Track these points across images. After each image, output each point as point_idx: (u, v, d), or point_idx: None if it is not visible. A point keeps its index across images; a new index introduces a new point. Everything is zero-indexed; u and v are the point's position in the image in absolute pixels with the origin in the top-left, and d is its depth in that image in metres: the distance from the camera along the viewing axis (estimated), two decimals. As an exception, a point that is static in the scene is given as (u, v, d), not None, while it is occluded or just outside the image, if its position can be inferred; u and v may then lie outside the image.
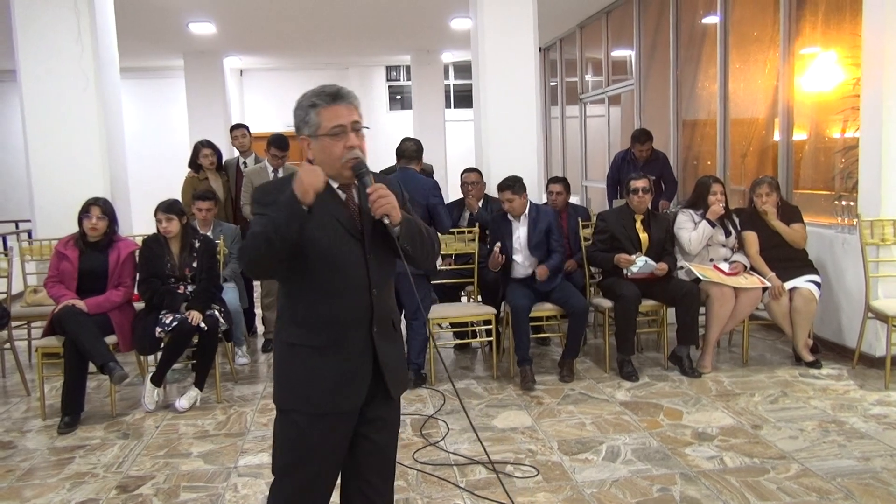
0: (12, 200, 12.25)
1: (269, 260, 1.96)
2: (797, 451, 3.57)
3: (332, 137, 1.98)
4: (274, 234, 1.90)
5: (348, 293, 2.03)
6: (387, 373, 2.09)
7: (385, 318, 2.11)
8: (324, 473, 2.10)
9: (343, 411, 2.06)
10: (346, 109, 2.00)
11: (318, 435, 2.05)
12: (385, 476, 2.21)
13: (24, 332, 5.68)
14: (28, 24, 5.69)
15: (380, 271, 2.08)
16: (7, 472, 3.65)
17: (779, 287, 4.84)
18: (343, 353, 2.04)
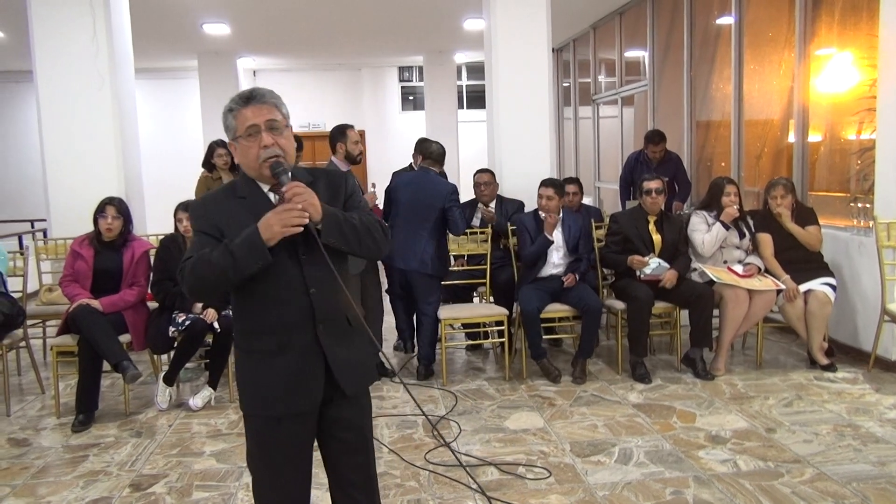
0: (28, 200, 12.35)
1: (216, 289, 2.05)
2: (812, 455, 3.54)
3: (248, 139, 2.02)
4: (232, 271, 1.95)
5: (287, 296, 2.03)
6: (337, 371, 2.07)
7: (333, 317, 2.08)
8: (287, 475, 2.13)
9: (297, 413, 2.08)
10: (259, 110, 2.03)
11: (276, 438, 2.10)
12: (363, 472, 2.21)
13: (39, 331, 5.71)
14: (44, 24, 5.74)
15: (317, 271, 2.03)
16: (22, 469, 3.68)
17: (793, 289, 4.80)
18: (290, 356, 2.05)
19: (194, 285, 2.01)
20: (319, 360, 2.06)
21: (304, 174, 2.13)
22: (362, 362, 2.20)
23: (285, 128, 2.06)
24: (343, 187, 2.17)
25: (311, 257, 2.02)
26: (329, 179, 2.18)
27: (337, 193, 2.15)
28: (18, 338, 4.71)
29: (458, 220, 4.99)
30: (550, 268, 5.04)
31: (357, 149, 4.90)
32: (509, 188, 5.91)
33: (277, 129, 2.03)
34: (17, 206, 12.53)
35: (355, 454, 2.18)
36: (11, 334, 4.56)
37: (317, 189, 2.04)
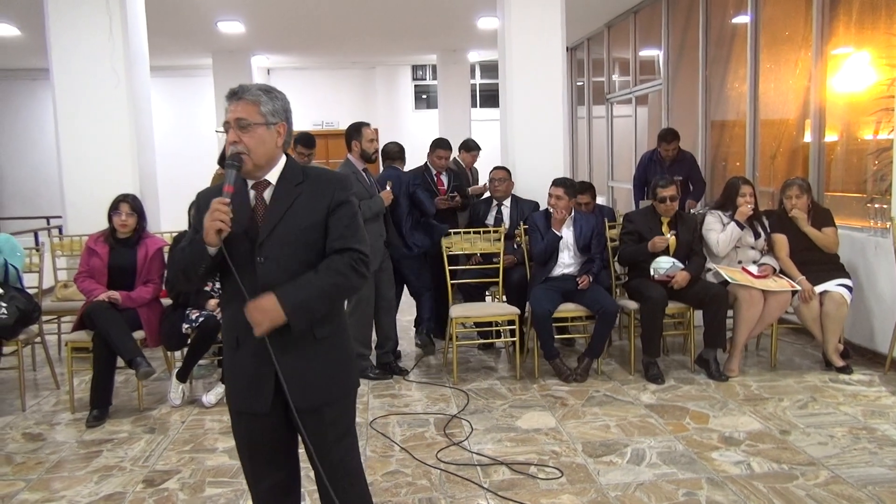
0: (44, 196, 12.46)
1: (186, 280, 2.11)
2: (827, 457, 3.51)
3: (226, 134, 2.08)
4: (188, 269, 2.04)
5: (241, 296, 2.01)
6: (284, 380, 2.03)
7: (285, 324, 2.01)
8: (257, 468, 2.16)
9: (254, 412, 2.09)
10: (236, 107, 2.06)
11: (239, 432, 2.16)
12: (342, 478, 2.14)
13: (54, 327, 5.77)
14: (61, 22, 5.78)
15: (272, 275, 2.02)
16: (37, 464, 3.71)
17: (809, 290, 4.77)
18: (244, 355, 2.08)
19: (169, 275, 2.13)
20: (269, 365, 2.03)
21: (296, 173, 2.12)
22: (323, 376, 2.11)
23: (259, 126, 2.04)
24: (331, 199, 2.09)
25: (271, 261, 2.03)
26: (319, 186, 2.11)
27: (320, 201, 2.09)
28: (34, 333, 4.75)
29: (424, 201, 5.35)
30: (561, 267, 5.03)
31: (372, 147, 4.94)
32: (523, 187, 5.90)
33: (245, 126, 2.03)
34: (33, 203, 12.65)
35: (329, 461, 2.12)
36: (27, 330, 4.59)
37: (300, 192, 2.07)
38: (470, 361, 5.41)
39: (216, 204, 1.95)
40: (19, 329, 4.45)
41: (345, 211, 2.11)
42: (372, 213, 4.79)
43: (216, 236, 1.95)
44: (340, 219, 2.09)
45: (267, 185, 2.10)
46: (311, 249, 2.06)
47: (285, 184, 2.09)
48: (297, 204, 2.07)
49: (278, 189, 2.09)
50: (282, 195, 2.08)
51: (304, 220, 2.06)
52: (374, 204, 4.83)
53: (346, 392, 2.19)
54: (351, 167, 4.89)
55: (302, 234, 2.05)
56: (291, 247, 2.04)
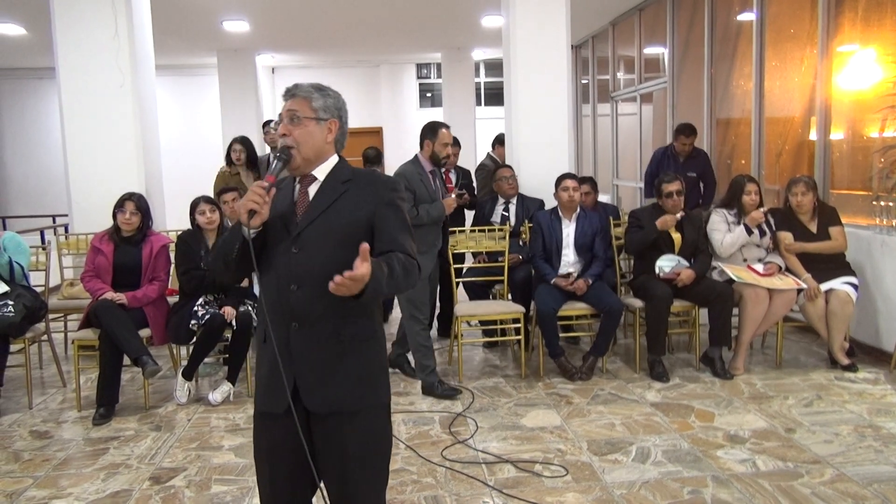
0: (50, 195, 12.50)
1: (225, 267, 2.08)
2: (832, 455, 3.51)
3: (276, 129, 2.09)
4: (224, 250, 2.04)
5: (273, 288, 2.01)
6: (301, 380, 1.99)
7: (313, 320, 1.97)
8: (275, 473, 2.07)
9: (272, 412, 2.04)
10: (290, 102, 2.08)
11: (260, 434, 2.11)
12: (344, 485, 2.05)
13: (60, 325, 5.79)
14: (66, 21, 5.79)
15: (305, 267, 1.99)
16: (44, 461, 3.73)
17: (814, 288, 4.76)
18: (270, 351, 2.02)
19: (211, 261, 2.11)
20: (289, 362, 1.99)
21: (345, 172, 2.10)
22: (345, 381, 2.02)
23: (310, 120, 2.05)
24: (378, 199, 2.05)
25: (306, 254, 1.99)
26: (367, 186, 2.08)
27: (365, 200, 2.05)
28: (40, 331, 4.77)
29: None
30: (566, 266, 5.03)
31: (445, 151, 4.64)
32: (527, 185, 5.90)
33: (296, 119, 2.05)
34: (40, 202, 12.69)
35: (331, 482, 2.05)
36: (34, 328, 4.61)
37: (346, 189, 2.05)
38: (475, 360, 5.41)
39: (254, 187, 1.96)
40: (26, 327, 4.47)
41: (393, 212, 2.06)
42: (431, 219, 4.52)
43: (248, 217, 1.93)
44: (389, 220, 2.05)
45: (313, 179, 2.08)
46: (347, 247, 1.94)
47: (332, 180, 2.08)
48: (340, 200, 2.04)
49: (325, 185, 2.07)
50: (327, 191, 2.06)
51: (346, 216, 2.02)
52: (433, 210, 4.54)
53: (373, 405, 2.07)
54: (417, 167, 4.62)
55: (341, 230, 2.00)
56: (328, 241, 2.00)
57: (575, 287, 4.86)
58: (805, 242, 4.93)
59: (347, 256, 1.87)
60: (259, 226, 1.97)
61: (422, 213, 4.46)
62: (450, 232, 5.25)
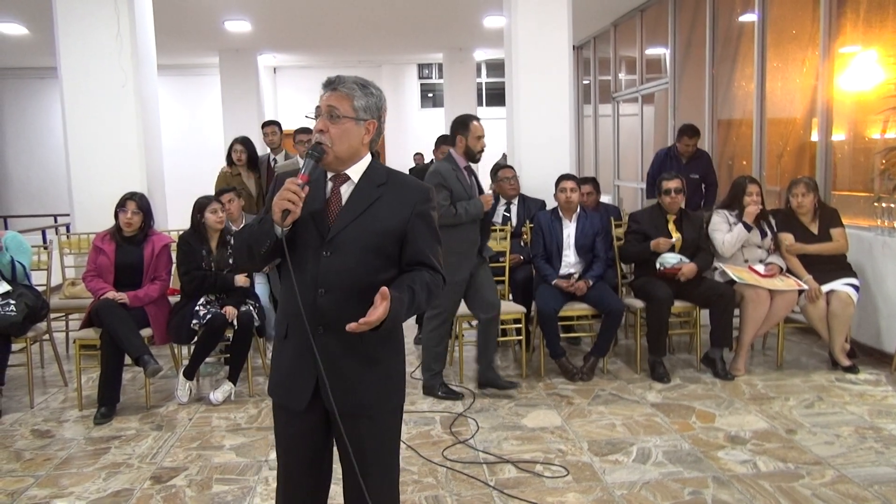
0: (51, 195, 12.53)
1: (250, 259, 2.05)
2: (833, 456, 3.51)
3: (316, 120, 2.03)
4: (253, 245, 1.99)
5: (301, 288, 1.96)
6: (323, 379, 1.97)
7: (340, 324, 1.93)
8: (290, 463, 2.11)
9: (291, 407, 2.06)
10: (329, 96, 2.01)
11: (279, 423, 2.13)
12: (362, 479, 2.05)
13: (62, 324, 5.80)
14: (69, 21, 5.80)
15: (335, 272, 1.97)
16: (45, 460, 3.73)
17: (816, 290, 4.76)
18: (291, 348, 2.03)
19: (235, 251, 2.10)
20: (311, 361, 1.98)
21: (380, 174, 2.06)
22: (367, 384, 2.04)
23: (349, 119, 1.99)
24: (412, 209, 2.03)
25: (337, 257, 1.97)
26: (402, 193, 2.05)
27: (400, 209, 2.02)
28: (42, 331, 4.78)
29: None
30: (567, 267, 5.03)
31: (479, 145, 4.46)
32: (529, 186, 5.90)
33: (335, 117, 1.99)
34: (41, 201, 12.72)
35: (348, 476, 2.07)
36: (35, 327, 4.62)
37: (381, 195, 2.01)
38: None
39: (289, 184, 1.90)
40: (28, 326, 4.48)
41: (426, 224, 2.05)
42: (469, 217, 4.38)
43: (281, 216, 1.89)
44: (421, 232, 2.03)
45: (346, 179, 2.04)
46: (380, 255, 1.98)
47: (367, 183, 2.03)
48: (375, 206, 2.00)
49: (359, 187, 2.03)
50: (362, 194, 2.01)
51: (380, 224, 1.99)
52: (472, 207, 4.38)
53: (391, 405, 2.11)
54: (452, 163, 4.47)
55: (374, 238, 1.98)
56: (361, 248, 1.98)
57: (575, 288, 4.86)
58: (806, 243, 4.93)
59: (377, 264, 1.95)
60: (290, 224, 1.93)
61: (460, 211, 4.33)
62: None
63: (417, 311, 1.99)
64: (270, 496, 3.26)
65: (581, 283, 4.87)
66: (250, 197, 6.16)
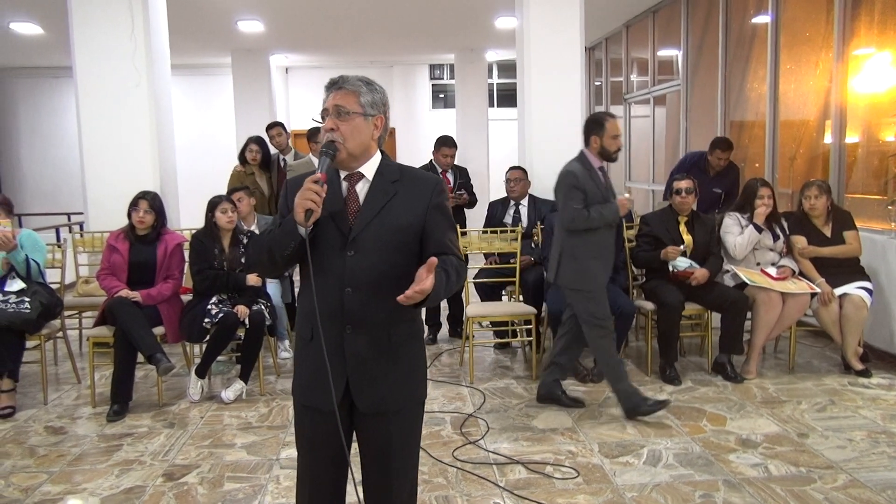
0: (66, 193, 12.60)
1: (270, 265, 2.06)
2: (845, 461, 3.49)
3: (325, 121, 2.05)
4: (275, 248, 1.99)
5: (325, 289, 1.98)
6: (352, 380, 2.01)
7: (366, 323, 2.00)
8: (312, 462, 2.13)
9: (314, 407, 2.07)
10: (335, 95, 2.03)
11: (302, 424, 2.14)
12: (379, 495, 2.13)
13: (75, 322, 5.84)
14: (83, 21, 5.84)
15: (360, 271, 1.99)
16: (59, 456, 3.76)
17: (828, 293, 4.73)
18: (316, 349, 2.02)
19: (253, 257, 2.10)
20: (340, 361, 2.00)
21: (393, 171, 2.08)
22: (393, 383, 2.07)
23: (358, 115, 2.01)
24: (428, 202, 2.06)
25: (362, 256, 1.98)
26: (416, 187, 2.08)
27: (417, 203, 2.05)
28: (56, 328, 4.82)
29: None
30: None
31: (615, 144, 4.14)
32: (540, 187, 5.90)
33: (343, 115, 2.01)
34: (55, 200, 12.80)
35: (374, 471, 2.12)
36: (49, 324, 4.66)
37: (396, 191, 2.04)
38: (486, 361, 5.42)
39: (309, 183, 1.90)
40: (42, 323, 4.52)
41: (442, 215, 2.08)
42: (604, 221, 4.06)
43: (304, 216, 1.89)
44: (439, 223, 2.06)
45: (360, 177, 2.06)
46: (402, 251, 2.01)
47: (381, 180, 2.05)
48: (393, 202, 2.03)
49: (375, 184, 2.05)
50: (378, 191, 2.04)
51: (400, 220, 2.02)
52: (607, 210, 4.06)
53: (414, 402, 2.15)
54: (585, 164, 4.16)
55: (395, 235, 2.00)
56: (384, 246, 2.00)
57: None
58: (819, 246, 4.91)
59: (400, 259, 1.99)
60: (312, 224, 1.94)
61: (594, 215, 4.02)
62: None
63: (448, 294, 2.01)
64: (281, 494, 3.28)
65: None
66: (262, 196, 6.19)
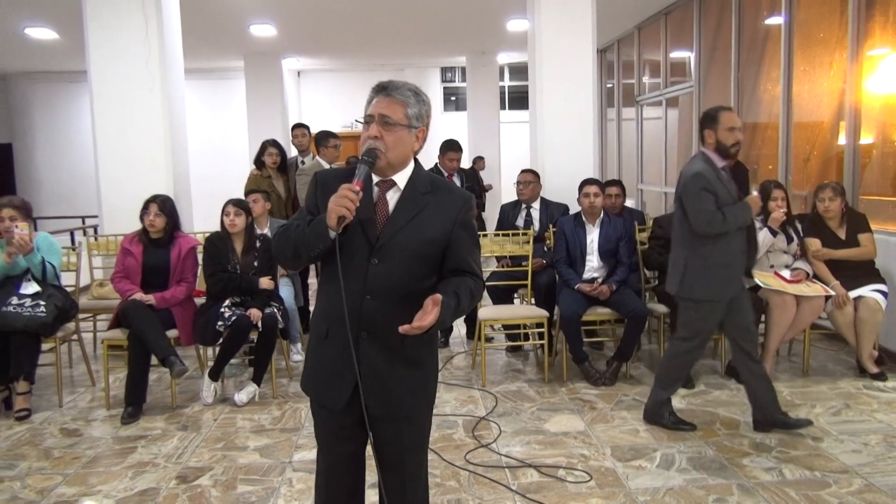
0: (80, 197, 12.70)
1: (295, 260, 2.07)
2: (860, 465, 3.46)
3: (365, 125, 2.04)
4: (302, 247, 2.00)
5: (347, 292, 1.98)
6: (364, 384, 2.01)
7: (383, 331, 2.01)
8: (329, 458, 2.16)
9: (325, 406, 2.11)
10: (381, 102, 2.02)
11: (318, 420, 2.17)
12: (395, 495, 2.16)
13: (90, 325, 5.88)
14: (98, 26, 5.89)
15: (383, 279, 2.00)
16: (73, 459, 3.79)
17: (843, 296, 4.70)
18: (331, 348, 2.06)
19: (277, 250, 2.09)
20: (351, 364, 2.01)
21: (424, 182, 2.09)
22: (404, 387, 2.09)
23: (403, 127, 2.01)
24: (456, 217, 2.06)
25: (385, 265, 1.99)
26: (446, 201, 2.08)
27: (445, 217, 2.06)
28: (71, 331, 4.86)
29: None
30: (591, 271, 5.02)
31: (732, 137, 3.74)
32: (552, 189, 5.90)
33: (389, 124, 2.00)
34: (70, 203, 12.91)
35: (388, 472, 2.14)
36: (64, 327, 4.70)
37: (427, 203, 2.04)
38: (498, 364, 5.41)
39: (345, 190, 1.90)
40: (57, 326, 4.55)
41: (468, 233, 2.09)
42: (737, 224, 3.73)
43: (337, 224, 1.89)
44: (463, 241, 2.07)
45: (392, 185, 2.06)
46: (425, 263, 2.03)
47: (413, 191, 2.06)
48: (422, 215, 2.03)
49: (406, 195, 2.05)
50: (408, 203, 2.04)
51: (427, 233, 2.03)
52: (739, 211, 3.72)
53: (425, 407, 2.17)
54: (709, 164, 3.78)
55: (421, 247, 2.02)
56: (408, 257, 2.01)
57: (599, 292, 4.85)
58: (833, 249, 4.88)
59: (422, 271, 2.02)
60: (342, 229, 1.94)
61: (729, 218, 3.67)
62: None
63: (459, 317, 2.04)
64: (294, 497, 3.29)
65: (604, 287, 4.86)
66: (279, 199, 6.21)
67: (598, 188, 5.09)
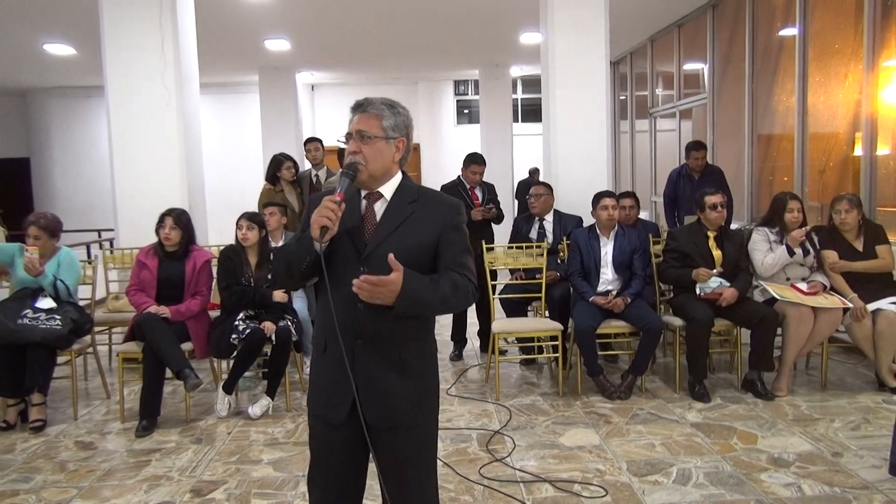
0: (96, 210, 12.83)
1: (288, 278, 2.11)
2: (881, 481, 3.41)
3: (348, 143, 2.12)
4: (292, 262, 2.05)
5: (339, 303, 2.02)
6: (362, 394, 2.02)
7: (377, 338, 2.04)
8: (326, 475, 2.14)
9: (329, 421, 2.10)
10: (359, 118, 2.10)
11: (316, 435, 2.16)
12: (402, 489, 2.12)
13: (105, 338, 5.91)
14: (115, 42, 5.96)
15: None
16: (88, 472, 3.80)
17: (861, 308, 4.65)
18: (330, 361, 2.08)
19: (273, 269, 2.16)
20: (351, 376, 2.02)
21: (411, 191, 2.13)
22: (403, 398, 2.08)
23: (380, 139, 2.08)
24: (443, 223, 2.10)
25: (372, 272, 1.99)
26: (432, 208, 2.13)
27: (432, 223, 2.09)
28: (86, 344, 4.88)
29: None
30: (605, 284, 5.00)
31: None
32: (565, 202, 5.88)
33: (366, 138, 2.07)
34: (86, 216, 13.03)
35: (390, 484, 2.11)
36: (80, 340, 4.72)
37: (413, 211, 2.08)
38: (512, 377, 5.39)
39: (326, 201, 1.98)
40: (73, 339, 4.58)
41: (457, 236, 2.12)
42: None
43: (320, 232, 1.96)
44: (453, 244, 2.11)
45: (379, 196, 2.12)
46: (413, 268, 2.03)
47: (399, 200, 2.11)
48: (408, 222, 2.08)
49: (392, 204, 2.10)
50: (394, 211, 2.09)
51: (414, 239, 2.07)
52: None
53: (425, 419, 2.15)
54: None
55: (409, 254, 2.02)
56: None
57: (613, 305, 4.82)
58: (850, 261, 4.83)
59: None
60: (328, 240, 1.99)
61: None
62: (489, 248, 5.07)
63: (444, 307, 2.05)
64: (308, 511, 3.27)
65: (619, 300, 4.83)
66: (294, 213, 6.23)
67: (614, 201, 5.09)
